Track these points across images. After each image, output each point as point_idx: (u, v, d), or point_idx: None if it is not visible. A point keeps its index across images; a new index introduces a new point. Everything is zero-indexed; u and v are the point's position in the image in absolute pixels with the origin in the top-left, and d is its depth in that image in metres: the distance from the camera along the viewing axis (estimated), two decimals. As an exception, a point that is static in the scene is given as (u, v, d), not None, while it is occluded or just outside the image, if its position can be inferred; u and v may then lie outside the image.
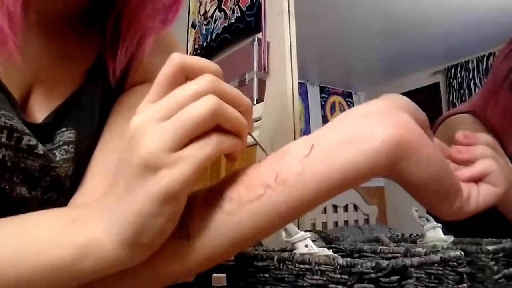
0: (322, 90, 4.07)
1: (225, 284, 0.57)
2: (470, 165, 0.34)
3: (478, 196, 0.31)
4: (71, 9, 0.46)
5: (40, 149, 0.39)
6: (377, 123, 0.26)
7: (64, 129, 0.43)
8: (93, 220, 0.26)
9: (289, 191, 0.26)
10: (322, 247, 0.56)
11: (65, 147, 0.42)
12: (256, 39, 1.22)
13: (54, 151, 0.41)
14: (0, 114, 0.36)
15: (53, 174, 0.40)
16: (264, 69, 1.18)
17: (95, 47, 0.48)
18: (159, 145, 0.24)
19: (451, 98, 3.48)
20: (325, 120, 3.87)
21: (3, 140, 0.36)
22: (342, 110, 4.02)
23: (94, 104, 0.46)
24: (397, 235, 0.91)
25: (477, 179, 0.33)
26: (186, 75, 0.27)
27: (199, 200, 0.28)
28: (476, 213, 0.31)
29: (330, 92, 4.12)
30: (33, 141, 0.39)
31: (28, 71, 0.42)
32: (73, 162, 0.42)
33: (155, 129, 0.25)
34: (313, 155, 0.26)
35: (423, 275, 0.53)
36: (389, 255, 0.54)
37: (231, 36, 1.43)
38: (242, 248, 0.30)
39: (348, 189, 0.27)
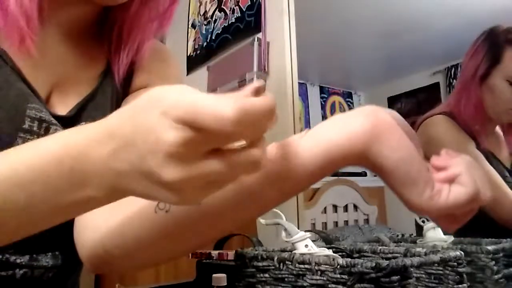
0: (322, 90, 4.07)
1: (225, 284, 0.57)
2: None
3: (448, 192, 0.33)
4: (84, 18, 0.52)
5: None
6: (359, 114, 0.33)
7: (83, 123, 0.48)
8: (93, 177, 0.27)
9: (285, 161, 0.32)
10: (322, 247, 0.56)
11: None
12: (256, 39, 1.22)
13: None
14: (31, 107, 0.43)
15: None
16: (264, 69, 1.18)
17: (105, 52, 0.54)
18: (182, 173, 0.24)
19: (451, 98, 3.48)
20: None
21: (34, 128, 0.43)
22: (342, 110, 4.01)
23: (106, 104, 0.52)
24: (397, 235, 0.91)
25: (450, 181, 0.35)
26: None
27: None
28: (447, 210, 0.33)
29: (330, 92, 4.11)
30: (60, 130, 0.45)
31: (49, 72, 0.48)
32: None
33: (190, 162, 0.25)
34: (307, 135, 0.34)
35: (423, 275, 0.53)
36: (389, 255, 0.54)
37: (231, 36, 1.43)
38: (247, 214, 0.36)
39: (335, 168, 0.34)
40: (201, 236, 0.36)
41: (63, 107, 0.48)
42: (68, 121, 0.47)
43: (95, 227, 0.39)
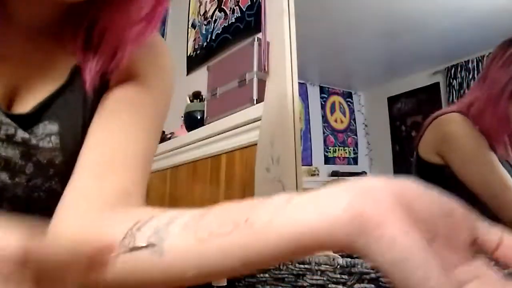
0: (322, 90, 4.07)
1: (225, 284, 0.57)
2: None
3: None
4: (51, 16, 0.48)
5: (19, 137, 0.42)
6: (345, 191, 0.25)
7: (46, 122, 0.45)
8: None
9: (252, 237, 0.26)
10: (322, 247, 0.56)
11: (48, 138, 0.45)
12: (256, 39, 1.22)
13: (38, 142, 0.44)
14: None
15: (35, 160, 0.43)
16: (264, 69, 1.18)
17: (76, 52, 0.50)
18: None
19: (451, 98, 3.48)
20: (325, 120, 3.87)
21: None
22: (342, 110, 4.01)
23: (77, 100, 0.48)
24: (397, 235, 0.90)
25: None
26: None
27: (182, 220, 0.30)
28: None
29: (330, 92, 4.12)
30: (11, 130, 0.42)
31: (12, 70, 0.45)
32: (60, 152, 0.45)
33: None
34: (285, 210, 0.26)
35: (423, 275, 0.53)
36: (389, 255, 0.54)
37: (231, 36, 1.43)
38: (208, 279, 0.31)
39: (308, 254, 0.28)
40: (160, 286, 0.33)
41: (27, 106, 0.46)
42: (26, 120, 0.44)
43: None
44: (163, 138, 1.60)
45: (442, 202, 0.26)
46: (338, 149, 3.65)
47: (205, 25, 1.63)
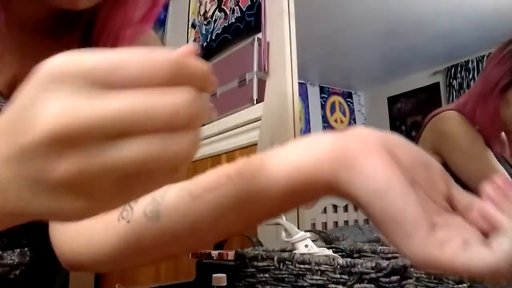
0: (322, 90, 4.07)
1: (225, 284, 0.57)
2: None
3: (461, 249, 0.22)
4: (51, 15, 0.48)
5: None
6: (329, 134, 0.27)
7: None
8: None
9: (244, 186, 0.27)
10: (322, 247, 0.56)
11: None
12: (256, 39, 1.22)
13: None
14: None
15: None
16: (264, 69, 1.18)
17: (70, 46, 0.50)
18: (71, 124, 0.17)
19: (451, 98, 3.48)
20: (325, 120, 3.87)
21: None
22: (342, 110, 4.01)
23: None
24: (397, 235, 0.90)
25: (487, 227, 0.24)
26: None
27: (178, 185, 0.30)
28: (451, 269, 0.22)
29: (330, 92, 4.11)
30: None
31: (10, 65, 0.45)
32: None
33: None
34: (272, 156, 0.28)
35: (423, 275, 0.53)
36: (389, 255, 0.54)
37: (231, 36, 1.43)
38: (203, 239, 0.32)
39: (300, 200, 0.28)
40: (159, 252, 0.33)
41: None
42: None
43: (66, 228, 0.37)
44: (163, 138, 1.60)
45: (422, 154, 0.27)
46: (338, 149, 3.64)
47: (205, 25, 1.63)
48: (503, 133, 1.03)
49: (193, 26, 1.74)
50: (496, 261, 0.21)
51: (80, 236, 0.36)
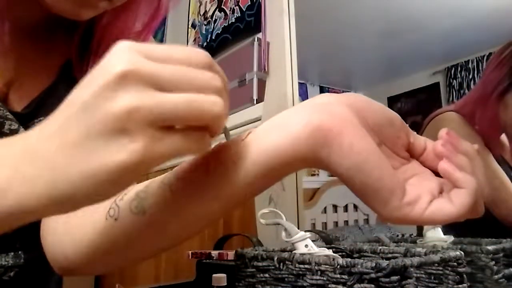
0: (322, 90, 4.07)
1: (225, 284, 0.57)
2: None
3: (427, 205, 0.27)
4: (48, 17, 0.48)
5: (22, 132, 0.42)
6: (302, 110, 0.28)
7: (42, 118, 0.45)
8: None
9: (224, 172, 0.28)
10: (322, 247, 0.56)
11: None
12: (256, 39, 1.22)
13: None
14: None
15: None
16: (264, 69, 1.18)
17: (68, 49, 0.51)
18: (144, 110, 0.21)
19: (451, 98, 3.48)
20: (325, 120, 3.87)
21: None
22: (342, 110, 4.02)
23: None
24: (397, 235, 0.91)
25: (443, 186, 0.29)
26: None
27: (159, 178, 0.31)
28: (423, 223, 0.27)
29: (330, 92, 4.12)
30: (15, 126, 0.43)
31: (5, 67, 0.46)
32: None
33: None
34: (248, 139, 0.28)
35: (423, 275, 0.53)
36: (389, 255, 0.54)
37: (231, 36, 1.43)
38: (190, 231, 0.32)
39: (280, 176, 0.29)
40: (148, 246, 0.34)
41: (22, 104, 0.46)
42: (23, 118, 0.45)
43: (55, 230, 0.38)
44: (163, 138, 1.60)
45: (386, 112, 0.29)
46: (338, 149, 3.64)
47: (205, 25, 1.63)
48: (503, 135, 1.03)
49: (193, 26, 1.74)
50: (457, 211, 0.26)
51: (69, 238, 0.36)
